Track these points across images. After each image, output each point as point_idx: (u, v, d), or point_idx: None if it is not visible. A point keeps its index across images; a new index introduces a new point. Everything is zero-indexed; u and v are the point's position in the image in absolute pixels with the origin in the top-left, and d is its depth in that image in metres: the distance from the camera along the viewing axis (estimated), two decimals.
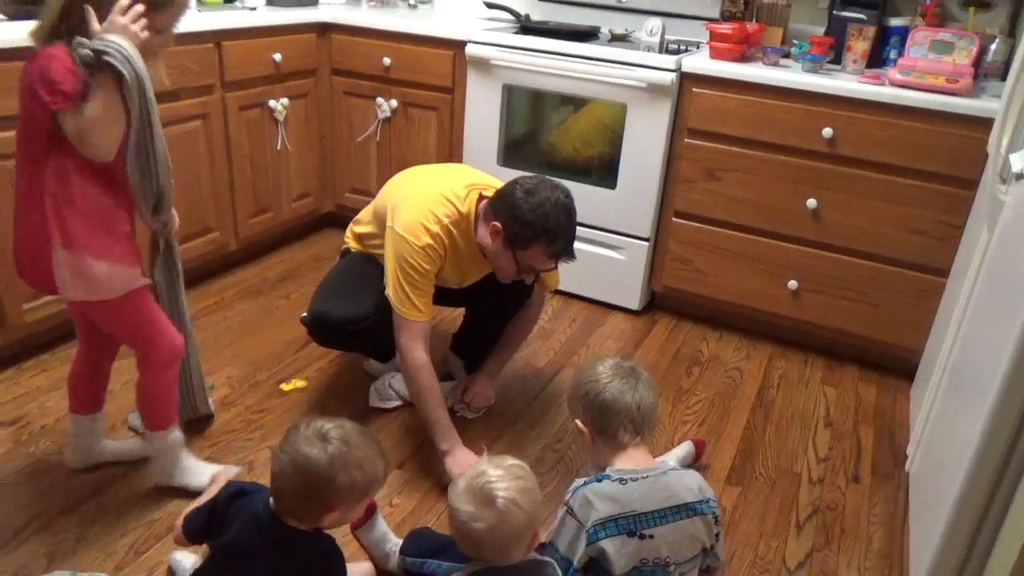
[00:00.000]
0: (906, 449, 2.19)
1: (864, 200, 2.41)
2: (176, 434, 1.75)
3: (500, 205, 1.80)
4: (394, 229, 1.86)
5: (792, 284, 2.59)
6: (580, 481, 1.44)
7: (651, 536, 1.40)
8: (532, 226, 1.75)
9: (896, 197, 2.36)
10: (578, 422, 1.53)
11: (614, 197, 2.74)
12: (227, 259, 2.94)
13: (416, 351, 1.86)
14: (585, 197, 2.77)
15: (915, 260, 2.41)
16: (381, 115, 3.05)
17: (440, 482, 1.88)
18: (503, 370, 2.28)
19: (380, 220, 2.02)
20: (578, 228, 1.86)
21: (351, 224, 2.24)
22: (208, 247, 2.76)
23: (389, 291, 1.87)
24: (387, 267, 1.88)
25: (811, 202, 2.47)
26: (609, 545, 1.37)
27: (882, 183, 2.37)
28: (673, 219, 2.72)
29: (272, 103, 2.85)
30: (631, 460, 1.47)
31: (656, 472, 1.46)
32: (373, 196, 3.19)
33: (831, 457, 2.17)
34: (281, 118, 2.91)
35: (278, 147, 2.94)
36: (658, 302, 2.95)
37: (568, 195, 1.80)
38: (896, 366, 2.60)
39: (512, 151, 2.92)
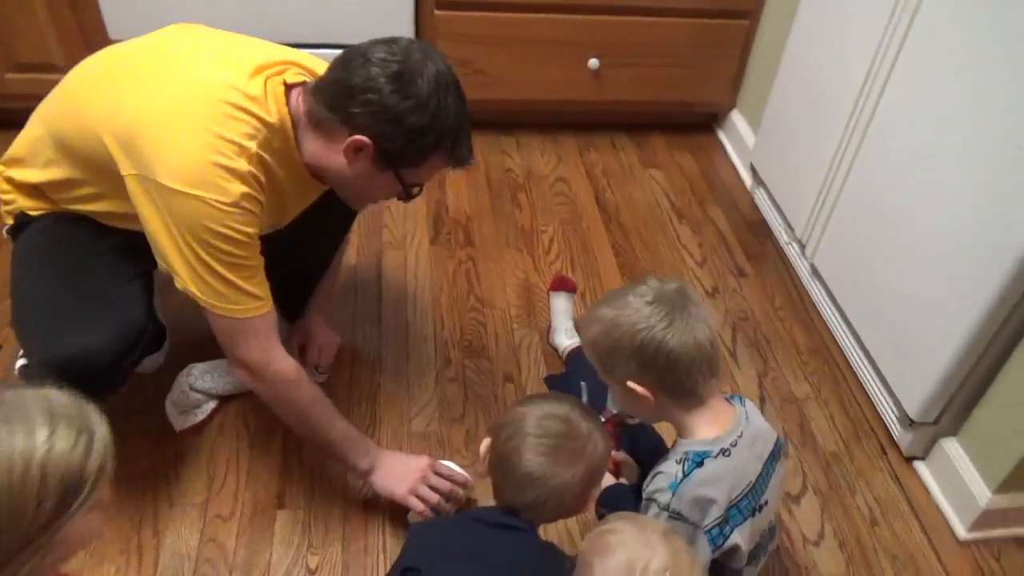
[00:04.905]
0: (754, 205, 2.09)
1: None
2: None
3: (359, 109, 1.04)
4: (160, 183, 1.02)
5: (593, 63, 2.17)
6: (670, 471, 1.03)
7: (765, 503, 1.07)
8: (428, 131, 1.06)
9: None
10: (632, 385, 1.04)
11: None
12: None
13: (277, 360, 1.16)
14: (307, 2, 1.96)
15: (720, 6, 2.12)
16: None
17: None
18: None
19: (85, 159, 1.13)
20: (308, 50, 1.26)
21: (1, 167, 1.27)
22: None
23: (191, 286, 1.09)
24: (167, 250, 1.06)
25: None
26: (739, 537, 1.03)
27: None
28: (436, 12, 2.04)
29: None
30: (712, 416, 1.07)
31: (742, 420, 1.08)
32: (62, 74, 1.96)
33: (707, 257, 1.99)
34: None
35: None
36: None
37: (443, 57, 1.11)
38: (696, 123, 2.44)
39: None
